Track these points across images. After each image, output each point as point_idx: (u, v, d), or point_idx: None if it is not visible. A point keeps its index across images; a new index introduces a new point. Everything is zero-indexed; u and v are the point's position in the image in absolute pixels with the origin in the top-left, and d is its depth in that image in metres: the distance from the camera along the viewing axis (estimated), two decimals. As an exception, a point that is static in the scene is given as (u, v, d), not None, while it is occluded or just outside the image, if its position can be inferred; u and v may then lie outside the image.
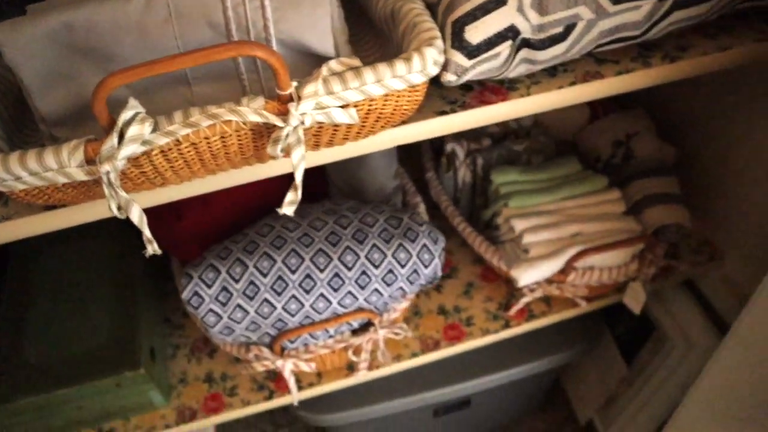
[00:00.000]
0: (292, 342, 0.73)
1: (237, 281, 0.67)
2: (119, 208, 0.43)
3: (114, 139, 0.40)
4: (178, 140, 0.42)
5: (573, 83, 0.56)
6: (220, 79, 0.46)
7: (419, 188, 0.90)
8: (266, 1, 0.42)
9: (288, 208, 0.47)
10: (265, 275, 0.67)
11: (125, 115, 0.40)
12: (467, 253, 0.94)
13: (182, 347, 0.87)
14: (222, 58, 0.39)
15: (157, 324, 0.87)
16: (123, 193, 0.42)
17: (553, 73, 0.57)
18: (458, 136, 0.89)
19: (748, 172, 0.82)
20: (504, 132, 0.90)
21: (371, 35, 0.58)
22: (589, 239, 0.77)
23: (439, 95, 0.56)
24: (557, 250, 0.76)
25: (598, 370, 1.20)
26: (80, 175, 0.42)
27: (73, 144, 0.41)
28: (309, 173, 0.88)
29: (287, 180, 0.80)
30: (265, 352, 0.73)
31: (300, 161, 0.44)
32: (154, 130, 0.41)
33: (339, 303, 0.70)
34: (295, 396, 0.77)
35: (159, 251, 0.46)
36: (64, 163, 0.41)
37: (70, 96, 0.44)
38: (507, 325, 0.86)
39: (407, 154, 1.04)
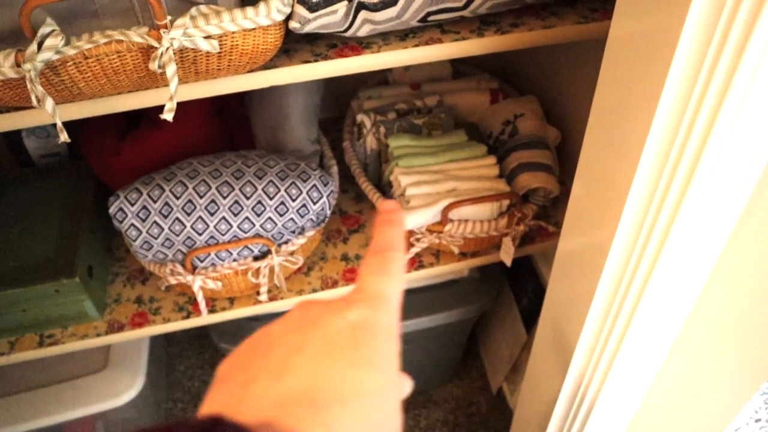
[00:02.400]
0: (201, 260, 0.87)
1: (155, 201, 0.82)
2: (38, 100, 0.57)
3: (34, 45, 0.55)
4: (84, 54, 0.58)
5: (416, 45, 0.71)
6: (122, 14, 0.61)
7: (338, 157, 1.04)
8: (146, -48, 0.58)
9: (168, 114, 0.61)
10: (177, 198, 0.82)
11: (43, 30, 0.55)
12: (375, 215, 1.08)
13: (120, 275, 1.01)
14: (109, -10, 0.55)
15: (99, 251, 1.01)
16: (40, 88, 0.57)
17: (403, 38, 0.72)
18: (369, 111, 1.04)
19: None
20: (409, 109, 1.05)
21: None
22: (462, 194, 0.91)
23: (310, 50, 0.71)
24: (434, 202, 0.90)
25: (506, 340, 1.33)
26: (11, 73, 0.57)
27: (6, 51, 0.57)
28: (240, 136, 1.03)
29: (205, 136, 0.95)
30: (178, 267, 0.87)
31: (173, 76, 0.59)
32: (67, 44, 0.57)
33: (239, 227, 0.84)
34: (204, 312, 0.91)
35: (68, 139, 0.61)
36: (0, 64, 0.57)
37: (7, 19, 0.59)
38: (399, 272, 0.99)
39: (332, 128, 1.20)
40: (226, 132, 1.02)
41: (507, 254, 0.97)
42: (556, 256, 0.75)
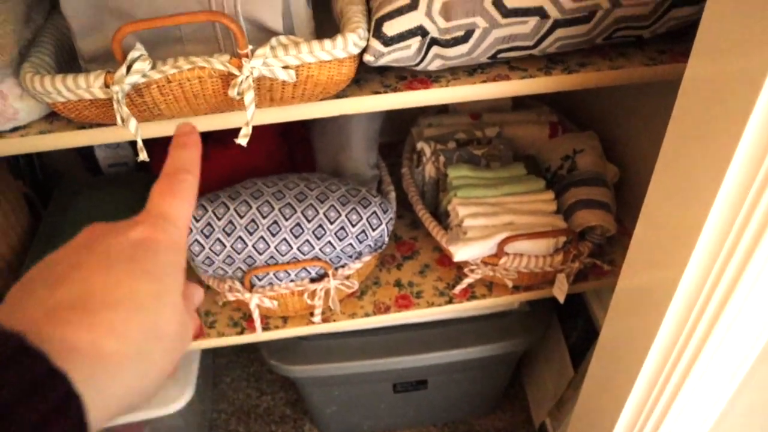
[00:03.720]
0: (259, 279, 0.89)
1: (219, 219, 0.84)
2: (123, 120, 0.61)
3: (123, 69, 0.58)
4: (168, 78, 0.61)
5: (484, 81, 0.72)
6: (205, 41, 0.64)
7: (396, 182, 1.06)
8: (235, -14, 0.60)
9: (243, 140, 0.63)
10: (241, 217, 0.84)
11: (133, 54, 0.59)
12: (430, 242, 1.09)
13: (179, 287, 1.04)
14: (198, 20, 0.58)
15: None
16: (126, 109, 0.60)
17: (471, 73, 0.74)
18: (429, 139, 1.05)
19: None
20: (469, 139, 1.06)
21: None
22: (519, 228, 0.91)
23: (380, 80, 0.73)
24: (490, 234, 0.90)
25: (551, 375, 1.31)
26: (100, 94, 0.61)
27: (97, 72, 0.60)
28: (301, 157, 1.05)
29: (269, 156, 0.98)
30: (237, 285, 0.89)
31: (251, 103, 0.61)
32: (153, 68, 0.60)
33: (298, 249, 0.86)
34: (258, 330, 0.93)
35: (147, 158, 0.63)
36: (90, 84, 0.60)
37: (100, 42, 0.63)
38: (451, 301, 1.00)
39: (396, 153, 1.21)
40: (289, 152, 1.04)
41: (560, 291, 0.96)
42: (615, 294, 0.74)
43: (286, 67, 0.61)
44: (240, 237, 0.85)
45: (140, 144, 0.63)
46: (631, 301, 0.70)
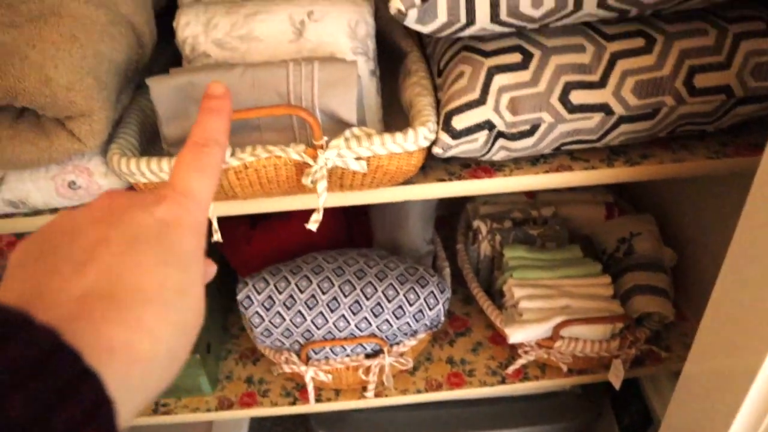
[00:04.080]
0: (316, 353, 0.90)
1: (280, 293, 0.87)
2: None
3: (203, 157, 0.62)
4: (246, 164, 0.64)
5: (547, 172, 0.74)
6: (281, 130, 0.67)
7: (450, 257, 1.07)
8: (315, 83, 0.64)
9: (313, 225, 0.66)
10: (302, 292, 0.86)
11: (213, 143, 0.62)
12: (483, 319, 1.09)
13: (234, 352, 1.06)
14: (279, 114, 0.61)
15: (218, 329, 1.07)
16: (203, 194, 0.63)
17: (534, 163, 0.75)
18: (485, 217, 1.06)
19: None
20: (525, 218, 1.07)
21: (403, 118, 0.78)
22: (576, 312, 0.91)
23: (444, 168, 0.75)
24: (546, 317, 0.90)
25: (604, 459, 1.27)
26: (178, 179, 0.64)
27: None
28: (358, 232, 1.08)
29: (329, 229, 1.00)
30: (293, 357, 0.90)
31: (323, 191, 0.64)
32: (232, 154, 0.63)
33: (356, 325, 0.87)
34: (312, 402, 0.94)
35: (221, 240, 0.66)
36: (172, 168, 0.64)
37: (184, 128, 0.67)
38: (503, 381, 0.99)
39: (448, 227, 1.23)
40: (347, 226, 1.07)
41: (616, 376, 0.95)
42: (681, 380, 0.73)
43: (358, 158, 0.64)
44: (299, 311, 0.86)
45: (215, 225, 0.66)
46: (701, 387, 0.69)
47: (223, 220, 1.04)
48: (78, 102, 0.62)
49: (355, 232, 1.08)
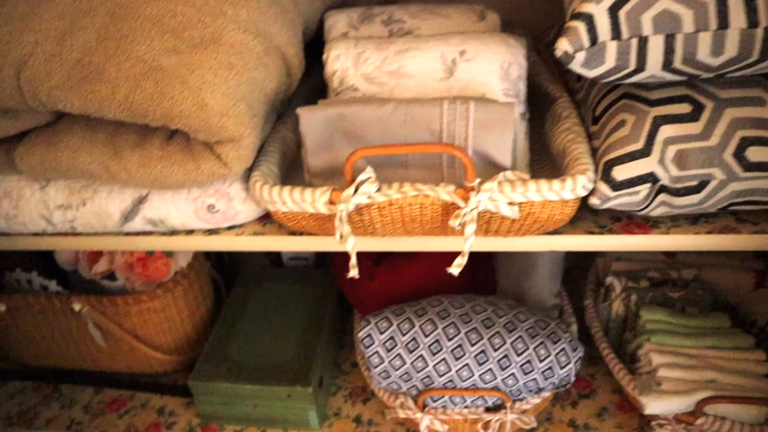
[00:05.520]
0: (434, 400, 0.86)
1: (403, 335, 0.84)
2: (341, 237, 0.63)
3: (351, 189, 0.61)
4: (390, 201, 0.62)
5: (709, 232, 0.68)
6: (428, 168, 0.66)
7: (576, 313, 1.01)
8: (470, 122, 0.62)
9: (455, 269, 0.63)
10: (426, 336, 0.83)
11: (362, 176, 0.61)
12: (609, 382, 1.02)
13: (343, 389, 1.04)
14: (433, 152, 0.60)
15: (329, 362, 1.06)
16: (347, 227, 0.62)
17: (694, 221, 0.69)
18: (619, 274, 1.00)
19: None
20: (663, 279, 0.99)
21: (549, 164, 0.74)
22: (723, 388, 0.82)
23: (593, 220, 0.71)
24: (689, 390, 0.82)
25: None
26: (323, 209, 0.63)
27: (324, 189, 0.63)
28: (483, 277, 1.04)
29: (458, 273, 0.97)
30: (410, 402, 0.87)
31: (470, 235, 0.61)
32: (378, 190, 0.62)
33: (480, 377, 0.83)
34: (424, 452, 0.90)
35: (357, 275, 0.65)
36: (315, 200, 0.63)
37: (328, 159, 0.66)
38: (631, 455, 0.91)
39: (572, 279, 1.16)
40: (471, 271, 1.03)
41: (766, 466, 0.85)
42: None
43: (510, 203, 0.61)
44: (422, 356, 0.83)
45: (353, 261, 0.64)
46: None
47: (344, 255, 1.04)
48: (229, 127, 0.63)
49: (479, 278, 1.04)
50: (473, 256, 1.05)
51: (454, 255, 0.63)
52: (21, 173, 0.75)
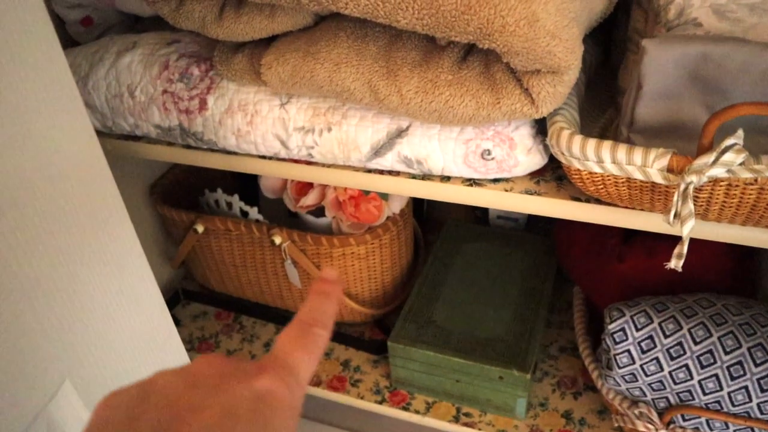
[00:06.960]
0: (685, 419, 0.72)
1: (666, 337, 0.69)
2: (676, 216, 0.48)
3: (711, 157, 0.46)
4: (755, 179, 0.47)
5: None
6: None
7: None
8: None
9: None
10: (696, 343, 0.68)
11: (729, 141, 0.45)
12: None
13: (549, 376, 0.91)
14: None
15: (541, 345, 0.93)
16: (690, 206, 0.47)
17: None
18: None
19: None
20: None
21: None
22: None
23: None
24: None
25: None
26: (657, 178, 0.49)
27: (661, 151, 0.48)
28: (742, 275, 0.86)
29: (714, 264, 0.79)
30: (653, 415, 0.73)
31: None
32: (741, 164, 0.46)
33: (758, 405, 0.67)
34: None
35: (680, 268, 0.50)
36: (647, 163, 0.49)
37: (668, 111, 0.51)
38: None
39: None
40: (731, 266, 0.85)
41: None
42: None
43: None
44: (686, 366, 0.68)
45: (682, 250, 0.50)
46: None
47: (574, 226, 0.89)
48: (557, 54, 0.49)
49: (739, 275, 0.86)
50: (734, 249, 0.87)
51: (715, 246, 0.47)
52: (263, 85, 0.65)
